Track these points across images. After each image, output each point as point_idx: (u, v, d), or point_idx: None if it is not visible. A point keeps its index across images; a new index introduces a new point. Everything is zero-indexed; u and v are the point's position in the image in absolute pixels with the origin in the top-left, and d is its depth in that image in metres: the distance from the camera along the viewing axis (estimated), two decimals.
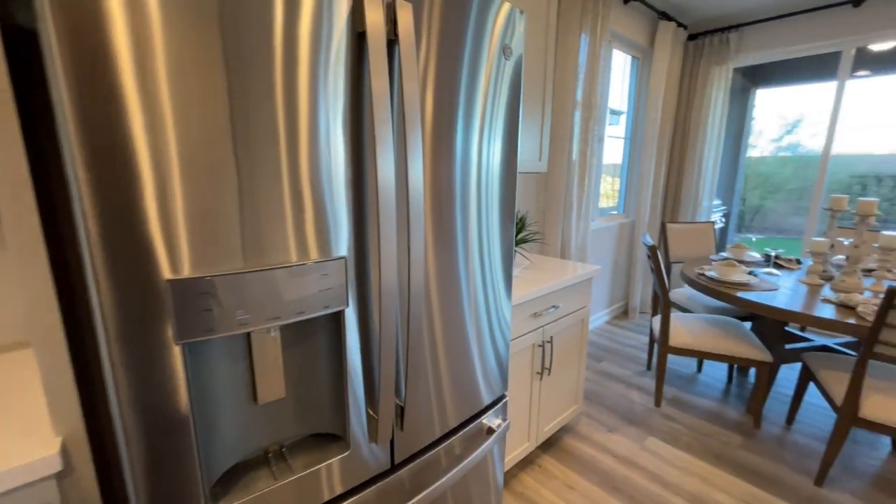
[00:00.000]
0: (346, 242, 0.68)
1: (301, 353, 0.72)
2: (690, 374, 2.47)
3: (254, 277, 0.58)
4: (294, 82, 0.58)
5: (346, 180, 0.66)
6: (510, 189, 0.99)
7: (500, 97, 0.90)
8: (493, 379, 1.06)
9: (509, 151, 0.96)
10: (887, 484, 1.60)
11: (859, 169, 5.10)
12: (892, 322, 1.33)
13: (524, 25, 0.94)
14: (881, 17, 2.65)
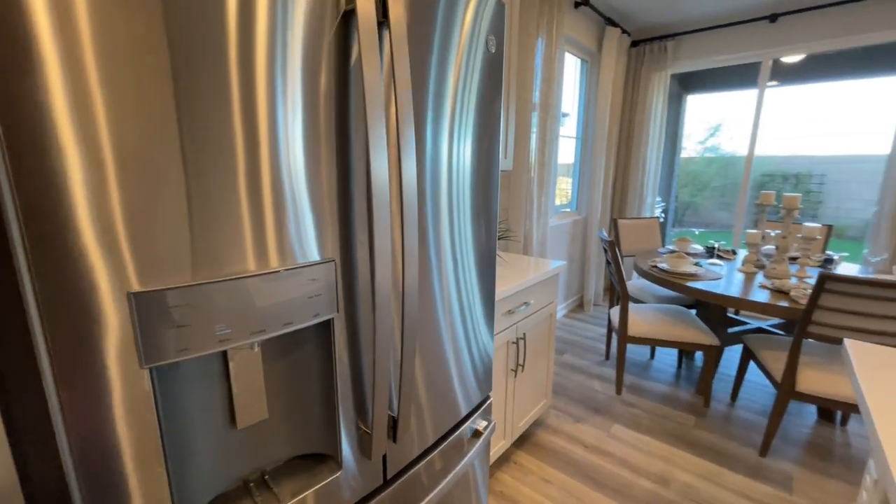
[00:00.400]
0: (332, 245, 0.62)
1: (283, 368, 0.65)
2: (644, 361, 2.62)
3: (234, 286, 0.51)
4: (271, 70, 0.51)
5: (330, 178, 0.60)
6: (494, 188, 0.97)
7: (485, 91, 0.88)
8: (479, 380, 1.04)
9: (492, 148, 0.94)
10: (818, 448, 1.79)
11: (768, 168, 5.69)
12: (822, 304, 1.49)
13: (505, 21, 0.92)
14: (793, 33, 2.97)
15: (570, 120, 3.46)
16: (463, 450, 1.01)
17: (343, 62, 0.59)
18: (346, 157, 0.62)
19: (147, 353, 0.45)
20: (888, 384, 0.75)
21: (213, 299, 0.49)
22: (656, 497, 1.51)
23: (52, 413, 0.42)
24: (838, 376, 1.58)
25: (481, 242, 0.96)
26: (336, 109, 0.60)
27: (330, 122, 0.59)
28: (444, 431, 0.94)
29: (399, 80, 0.61)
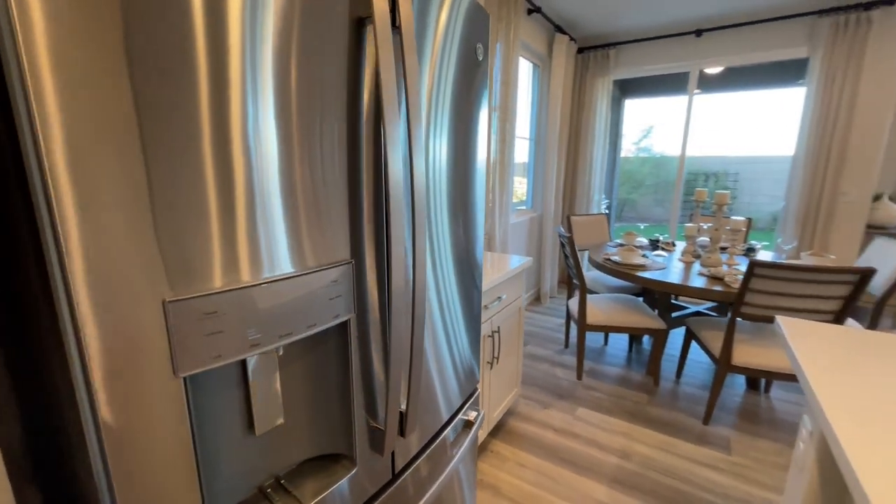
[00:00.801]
0: (346, 246, 0.63)
1: (298, 371, 0.65)
2: (599, 347, 2.81)
3: (265, 290, 0.51)
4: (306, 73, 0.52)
5: (343, 179, 0.61)
6: (472, 187, 1.02)
7: (475, 96, 0.92)
8: (467, 373, 1.08)
9: (475, 151, 0.98)
10: (749, 414, 2.04)
11: (692, 167, 6.24)
12: (752, 288, 1.70)
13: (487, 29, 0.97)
14: (714, 47, 3.33)
15: (524, 121, 3.60)
16: (457, 440, 1.05)
17: (354, 67, 0.61)
18: (356, 158, 0.63)
19: (181, 362, 0.44)
20: (815, 350, 0.89)
21: (246, 304, 0.49)
22: (621, 470, 1.65)
23: (86, 425, 0.40)
24: (766, 349, 1.82)
25: (459, 241, 1.00)
26: (348, 113, 0.61)
27: (342, 127, 0.60)
28: (441, 424, 0.98)
29: (410, 83, 0.63)
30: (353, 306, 0.64)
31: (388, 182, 0.61)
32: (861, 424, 0.64)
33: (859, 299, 1.60)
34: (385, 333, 0.74)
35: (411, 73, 0.64)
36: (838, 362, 0.84)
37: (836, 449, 0.61)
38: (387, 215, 0.62)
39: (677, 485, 1.57)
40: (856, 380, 0.77)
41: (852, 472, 0.55)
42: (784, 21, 3.04)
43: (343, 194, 0.61)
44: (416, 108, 0.65)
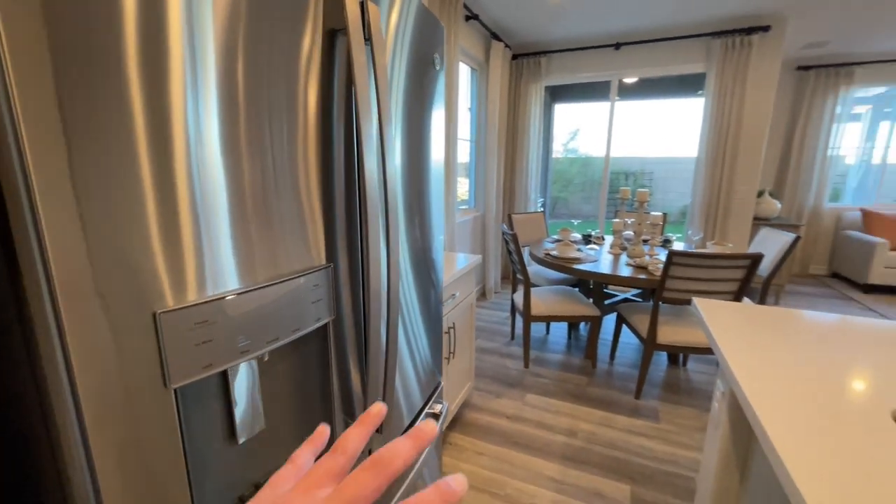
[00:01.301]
0: (323, 249, 0.65)
1: (279, 375, 0.65)
2: (542, 336, 3.00)
3: (255, 296, 0.51)
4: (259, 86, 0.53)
5: (319, 182, 0.63)
6: (427, 187, 1.07)
7: (429, 100, 0.96)
8: (433, 367, 1.13)
9: (429, 153, 1.03)
10: (671, 386, 2.32)
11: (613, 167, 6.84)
12: (672, 275, 1.94)
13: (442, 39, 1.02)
14: (631, 59, 3.69)
15: (464, 123, 3.71)
16: None
17: (327, 75, 0.62)
18: (329, 161, 0.65)
19: (174, 374, 0.44)
20: (726, 324, 1.07)
21: (237, 311, 0.49)
22: (569, 447, 1.80)
23: (74, 448, 0.39)
24: (684, 328, 2.08)
25: (416, 242, 1.05)
26: (320, 120, 0.62)
27: (318, 131, 0.61)
28: (411, 420, 1.01)
29: (381, 91, 0.67)
30: (332, 309, 0.66)
31: (364, 184, 0.64)
32: (759, 379, 0.79)
33: (752, 280, 1.90)
34: (359, 335, 0.76)
35: (382, 81, 0.67)
36: (740, 332, 1.01)
37: (742, 400, 0.75)
38: (364, 217, 0.65)
39: (617, 454, 1.75)
40: (753, 346, 0.94)
41: (755, 415, 0.68)
42: (686, 40, 3.47)
43: (317, 198, 0.62)
44: (387, 114, 0.68)
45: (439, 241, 1.13)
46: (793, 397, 0.73)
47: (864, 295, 4.00)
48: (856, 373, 0.82)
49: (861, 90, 4.47)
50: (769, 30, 3.20)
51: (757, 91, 3.34)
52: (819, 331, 1.01)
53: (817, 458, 0.59)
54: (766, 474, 0.90)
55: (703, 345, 2.02)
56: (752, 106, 3.38)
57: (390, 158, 0.70)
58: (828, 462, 0.58)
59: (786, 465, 0.57)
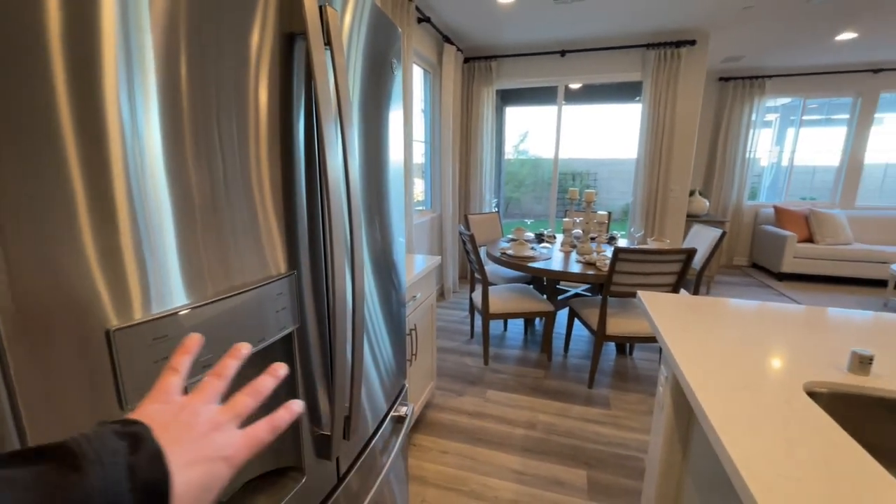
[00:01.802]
0: (285, 257, 0.63)
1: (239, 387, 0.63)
2: (500, 333, 3.09)
3: (216, 307, 0.49)
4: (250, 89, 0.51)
5: (281, 188, 0.62)
6: (385, 187, 1.07)
7: (386, 101, 0.97)
8: (397, 370, 1.13)
9: (387, 155, 1.03)
10: (620, 374, 2.48)
11: (562, 169, 7.08)
12: (618, 269, 2.08)
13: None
14: (575, 66, 3.89)
15: (419, 125, 3.72)
16: (392, 437, 1.09)
17: (284, 79, 0.61)
18: (290, 166, 0.64)
19: (130, 393, 0.41)
20: (667, 314, 1.16)
21: (197, 324, 0.47)
22: (529, 439, 1.87)
23: None
24: (630, 319, 2.23)
25: (376, 244, 1.05)
26: (279, 123, 0.61)
27: (274, 135, 0.60)
28: (377, 424, 1.01)
29: (342, 95, 0.66)
30: (297, 317, 0.65)
31: (328, 188, 0.63)
32: (696, 363, 0.88)
33: (688, 273, 2.08)
34: (324, 343, 0.75)
35: (343, 86, 0.66)
36: (679, 321, 1.11)
37: (682, 381, 0.83)
38: (328, 222, 0.64)
39: (574, 442, 1.85)
40: (690, 332, 1.04)
41: (693, 393, 0.76)
42: (624, 50, 3.71)
43: (272, 205, 0.61)
44: (349, 116, 0.68)
45: (400, 244, 1.14)
46: (723, 376, 0.82)
47: (778, 282, 4.50)
48: (774, 352, 0.93)
49: (771, 100, 5.02)
50: (695, 44, 3.51)
51: (686, 99, 3.65)
52: (743, 317, 1.14)
53: (743, 423, 0.67)
54: (703, 448, 0.99)
55: (647, 334, 2.18)
56: (682, 112, 3.69)
57: (352, 161, 0.70)
58: (753, 429, 0.66)
59: (719, 434, 0.64)
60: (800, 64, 4.54)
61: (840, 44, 3.77)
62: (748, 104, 4.79)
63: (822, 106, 5.04)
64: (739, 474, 0.57)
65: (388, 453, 1.05)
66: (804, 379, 0.84)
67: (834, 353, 0.93)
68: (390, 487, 1.12)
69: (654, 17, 3.22)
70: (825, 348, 0.96)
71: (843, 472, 0.57)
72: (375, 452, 0.99)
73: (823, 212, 4.51)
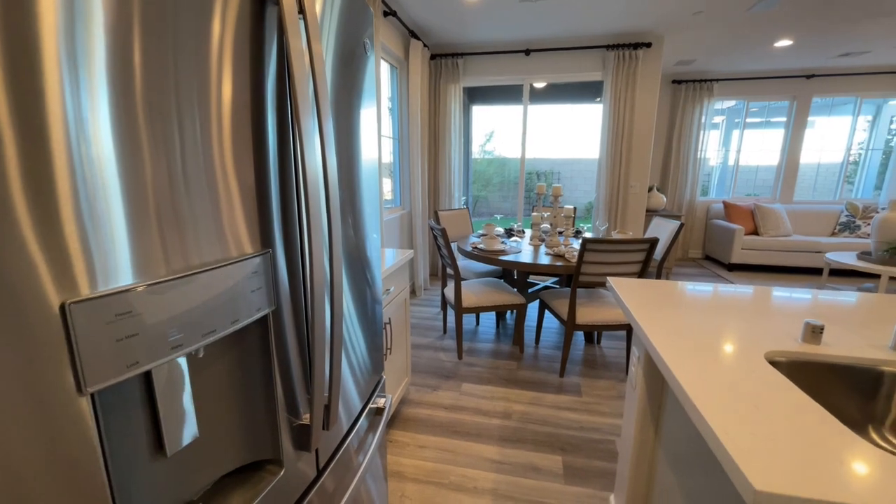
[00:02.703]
0: (258, 236, 0.60)
1: (214, 375, 0.59)
2: (473, 328, 3.10)
3: (187, 284, 0.45)
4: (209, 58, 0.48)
5: (251, 167, 0.58)
6: (358, 182, 1.04)
7: (359, 90, 0.94)
8: (375, 360, 1.10)
9: (360, 146, 1.01)
10: (589, 362, 2.55)
11: (526, 168, 7.18)
12: (586, 260, 2.14)
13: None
14: (540, 65, 3.98)
15: (386, 121, 3.68)
16: (371, 428, 1.06)
17: (254, 60, 0.58)
18: (261, 146, 0.60)
19: (89, 375, 0.37)
20: (636, 297, 1.21)
21: (166, 300, 0.43)
22: (505, 429, 1.89)
23: None
24: (598, 308, 2.30)
25: (349, 240, 1.02)
26: (252, 105, 0.58)
27: (247, 115, 0.57)
28: (356, 415, 0.98)
29: (318, 72, 0.63)
30: (272, 299, 0.61)
31: (305, 169, 0.60)
32: (666, 339, 0.91)
33: (651, 262, 2.17)
34: (299, 326, 0.71)
35: (318, 62, 0.64)
36: (648, 302, 1.15)
37: (655, 356, 0.86)
38: (306, 205, 0.61)
39: (549, 430, 1.88)
40: (659, 312, 1.08)
41: (665, 365, 0.78)
42: (586, 50, 3.83)
43: (249, 182, 0.57)
44: (325, 97, 0.65)
45: (374, 240, 1.11)
46: (693, 351, 0.86)
47: (729, 273, 4.80)
48: (735, 328, 0.98)
49: (719, 102, 5.36)
50: (651, 46, 3.68)
51: (644, 98, 3.82)
52: (704, 299, 1.20)
53: (716, 393, 0.70)
54: (676, 423, 1.03)
55: (615, 322, 2.26)
56: (640, 111, 3.86)
57: (329, 145, 0.67)
58: (725, 397, 0.69)
59: (695, 402, 0.67)
60: (744, 69, 4.87)
61: (778, 50, 4.08)
62: (698, 106, 5.08)
63: (762, 109, 5.43)
64: (718, 439, 0.59)
65: (366, 447, 1.02)
66: (765, 349, 0.89)
67: (787, 326, 1.00)
68: (367, 484, 1.09)
69: (612, 19, 3.35)
70: (779, 322, 1.02)
71: (811, 431, 0.61)
72: (353, 446, 0.96)
73: (766, 206, 4.86)
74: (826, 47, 4.00)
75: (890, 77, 4.83)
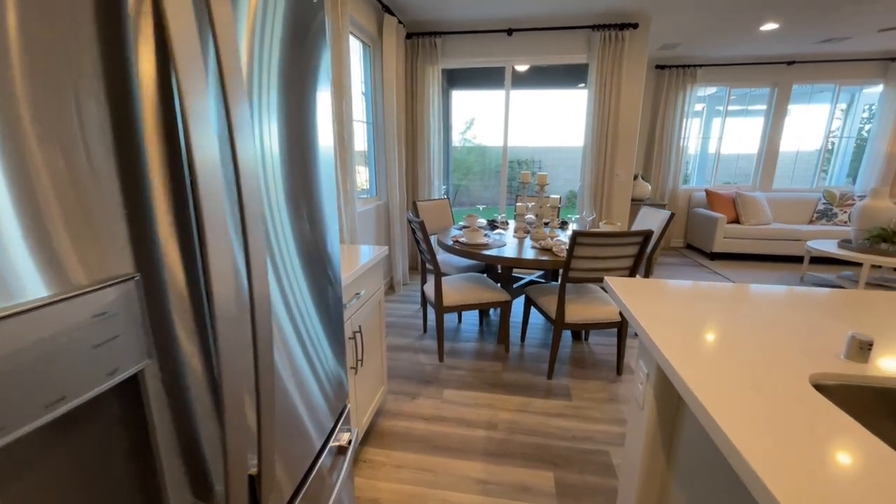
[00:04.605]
0: (127, 256, 0.39)
1: (46, 474, 0.37)
2: (454, 326, 2.92)
3: None
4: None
5: (112, 165, 0.37)
6: (314, 171, 0.83)
7: (313, 64, 0.72)
8: (337, 388, 0.90)
9: (316, 130, 0.80)
10: (577, 361, 2.42)
11: (509, 156, 7.06)
12: (576, 255, 1.97)
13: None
14: (522, 46, 3.77)
15: (359, 105, 3.41)
16: (332, 469, 0.87)
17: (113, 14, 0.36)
18: (132, 139, 0.39)
19: None
20: (642, 302, 1.04)
21: None
22: (491, 441, 1.73)
23: None
24: (588, 306, 2.15)
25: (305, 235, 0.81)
26: (106, 75, 0.36)
27: (103, 100, 0.35)
28: (312, 459, 0.78)
29: (223, 41, 0.42)
30: (150, 347, 0.40)
31: (195, 170, 0.39)
32: (686, 356, 0.75)
33: (645, 255, 2.03)
34: (211, 373, 0.51)
35: (224, 27, 0.42)
36: (655, 309, 0.99)
37: (675, 379, 0.69)
38: (197, 213, 0.40)
39: (538, 441, 1.73)
40: (671, 322, 0.91)
41: (691, 394, 0.62)
42: (571, 31, 3.64)
43: (112, 187, 0.36)
44: (235, 73, 0.44)
45: (334, 232, 0.90)
46: (720, 372, 0.69)
47: (711, 262, 4.78)
48: (765, 340, 0.83)
49: (701, 89, 5.28)
50: (637, 27, 3.51)
51: (630, 83, 3.67)
52: (719, 301, 1.04)
53: (762, 432, 0.53)
54: (698, 455, 0.88)
55: (606, 320, 2.12)
56: (626, 96, 3.71)
57: (242, 136, 0.46)
58: (767, 434, 0.52)
59: (735, 444, 0.50)
60: (727, 54, 4.78)
61: (764, 34, 3.98)
62: (682, 92, 4.98)
63: (741, 97, 5.39)
64: (766, 487, 0.43)
65: (330, 491, 0.82)
66: (806, 369, 0.74)
67: (822, 336, 0.85)
68: None
69: None
70: (811, 332, 0.87)
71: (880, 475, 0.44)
72: (312, 494, 0.77)
73: (748, 194, 4.83)
74: (810, 33, 3.93)
75: (868, 64, 4.84)
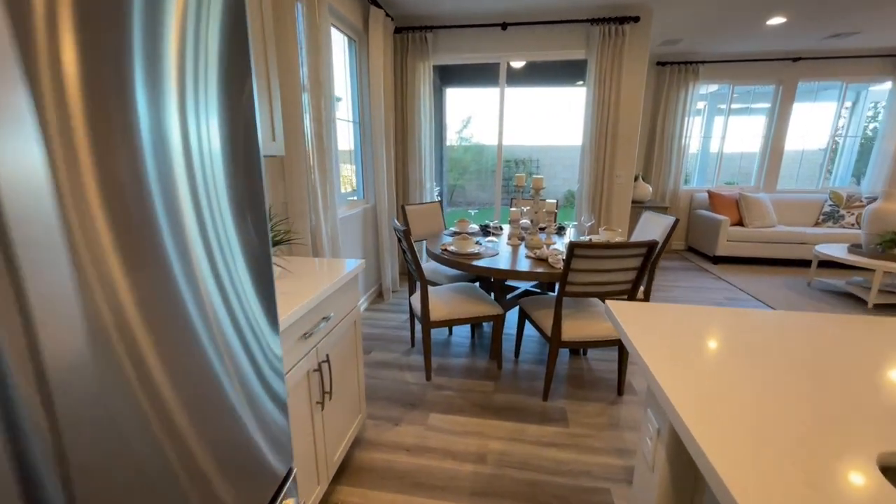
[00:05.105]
0: None
1: None
2: (444, 339, 2.75)
3: None
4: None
5: None
6: (258, 176, 0.65)
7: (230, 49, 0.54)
8: (273, 455, 0.73)
9: (241, 122, 0.62)
10: (575, 379, 2.24)
11: (504, 156, 6.87)
12: (574, 268, 1.80)
13: None
14: (517, 41, 3.58)
15: (345, 103, 3.23)
16: None
17: None
18: None
19: None
20: (652, 334, 0.87)
21: None
22: (478, 477, 1.55)
23: None
24: (587, 322, 1.98)
25: (253, 245, 0.64)
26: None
27: None
28: None
29: None
30: None
31: None
32: (709, 418, 0.57)
33: (648, 267, 1.85)
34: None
35: None
36: (672, 346, 0.81)
37: (695, 453, 0.52)
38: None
39: (531, 476, 1.56)
40: (691, 366, 0.74)
41: (721, 484, 0.44)
42: (569, 24, 3.46)
43: None
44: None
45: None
46: (760, 443, 0.52)
47: (714, 266, 4.61)
48: (812, 399, 0.65)
49: (703, 87, 5.11)
50: (638, 20, 3.33)
51: (630, 79, 3.49)
52: (749, 331, 0.86)
53: None
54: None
55: (606, 337, 1.95)
56: (626, 93, 3.53)
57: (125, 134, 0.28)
58: None
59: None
60: (731, 50, 4.61)
61: (770, 28, 3.81)
62: (683, 89, 4.81)
63: (743, 95, 5.21)
64: None
65: None
66: (870, 446, 0.56)
67: (891, 392, 0.67)
68: None
69: None
70: (874, 383, 0.69)
71: None
72: None
73: (752, 196, 4.67)
74: (817, 27, 3.76)
75: (876, 60, 4.67)
